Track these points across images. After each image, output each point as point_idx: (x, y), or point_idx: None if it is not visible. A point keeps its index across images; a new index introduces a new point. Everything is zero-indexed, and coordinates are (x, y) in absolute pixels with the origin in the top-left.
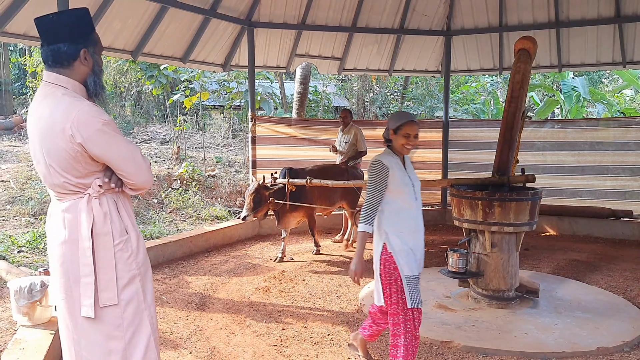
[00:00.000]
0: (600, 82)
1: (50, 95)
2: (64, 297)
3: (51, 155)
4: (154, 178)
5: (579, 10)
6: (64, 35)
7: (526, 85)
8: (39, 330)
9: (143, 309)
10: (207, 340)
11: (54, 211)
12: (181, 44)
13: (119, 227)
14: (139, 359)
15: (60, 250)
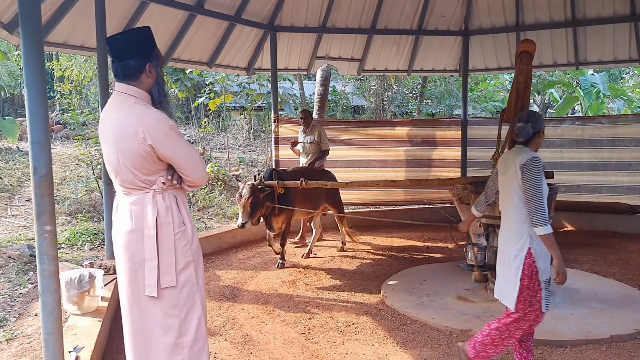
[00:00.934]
0: (620, 77)
1: (123, 103)
2: (128, 279)
3: (124, 154)
4: None
5: (595, 9)
6: (131, 52)
7: (529, 84)
8: (87, 318)
9: (195, 291)
10: (240, 328)
11: (122, 204)
12: (207, 49)
13: (178, 219)
14: (192, 333)
15: (127, 237)
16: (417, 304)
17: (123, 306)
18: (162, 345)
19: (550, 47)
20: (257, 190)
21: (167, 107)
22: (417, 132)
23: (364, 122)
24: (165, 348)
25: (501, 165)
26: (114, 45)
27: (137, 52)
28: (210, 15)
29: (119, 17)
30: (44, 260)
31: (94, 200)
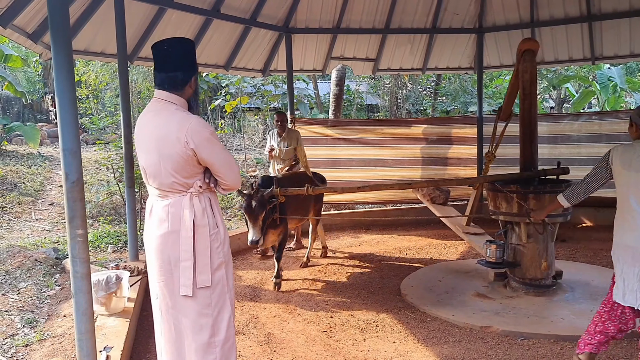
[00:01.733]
0: (638, 70)
1: (164, 109)
2: (164, 280)
3: (166, 158)
4: None
5: (611, 3)
6: (179, 64)
7: (535, 82)
8: (115, 319)
9: (226, 291)
10: (262, 327)
11: (156, 207)
12: (224, 52)
13: (212, 221)
14: (223, 333)
15: (162, 239)
16: (437, 301)
17: (156, 307)
18: (196, 345)
19: (565, 43)
20: (266, 201)
21: (198, 113)
22: (432, 130)
23: (380, 122)
24: (198, 347)
25: (625, 160)
26: (163, 56)
27: (186, 66)
28: (226, 19)
29: (138, 23)
30: (76, 262)
31: (114, 203)
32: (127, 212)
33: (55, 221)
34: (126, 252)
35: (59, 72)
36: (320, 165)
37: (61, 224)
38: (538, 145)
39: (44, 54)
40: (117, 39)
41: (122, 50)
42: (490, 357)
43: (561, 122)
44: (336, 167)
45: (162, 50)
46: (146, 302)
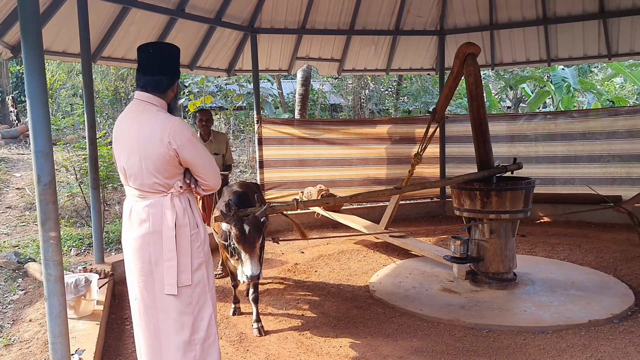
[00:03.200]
0: (590, 71)
1: (146, 111)
2: (143, 280)
3: (149, 159)
4: None
5: (565, 7)
6: (165, 69)
7: (480, 83)
8: (85, 322)
9: (207, 290)
10: (234, 326)
11: (135, 208)
12: (188, 52)
13: (193, 221)
14: (203, 331)
15: (142, 240)
16: (405, 296)
17: (135, 307)
18: (176, 343)
19: (523, 45)
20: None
21: (178, 115)
22: (396, 129)
23: (346, 121)
24: (179, 345)
25: None
26: (149, 59)
27: (171, 71)
28: (190, 18)
29: (102, 22)
30: (49, 265)
31: (76, 205)
32: (91, 214)
33: (14, 224)
34: (90, 254)
35: (30, 73)
36: (287, 165)
37: (20, 227)
38: (497, 144)
39: (4, 53)
40: (80, 38)
41: (86, 50)
42: (458, 349)
43: (518, 122)
44: (303, 166)
45: (148, 53)
46: (114, 304)
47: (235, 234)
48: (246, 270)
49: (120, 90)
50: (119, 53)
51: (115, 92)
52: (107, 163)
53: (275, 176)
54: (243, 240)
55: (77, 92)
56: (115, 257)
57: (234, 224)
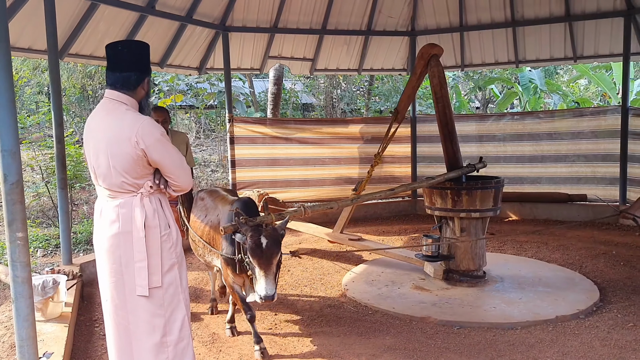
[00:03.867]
0: (556, 73)
1: (115, 109)
2: (114, 281)
3: (116, 158)
4: None
5: (532, 10)
6: (133, 65)
7: (445, 84)
8: (53, 324)
9: (179, 292)
10: (206, 327)
11: (105, 208)
12: (159, 50)
13: (164, 222)
14: (176, 333)
15: (113, 240)
16: (377, 294)
17: (106, 308)
18: (148, 345)
19: (492, 46)
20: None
21: (149, 115)
22: (368, 129)
23: (318, 121)
24: (151, 348)
25: None
26: (117, 56)
27: (140, 67)
28: (161, 15)
29: (69, 18)
30: (16, 267)
31: (42, 205)
32: (59, 214)
33: None
34: (57, 256)
35: None
36: (259, 164)
37: None
38: (467, 143)
39: None
40: (47, 34)
41: (53, 46)
42: (430, 346)
43: (487, 122)
44: (275, 165)
45: (116, 50)
46: (83, 306)
47: (251, 246)
48: (260, 289)
49: (87, 88)
50: (87, 50)
51: (82, 90)
52: (74, 162)
53: (247, 176)
54: (259, 255)
55: (42, 89)
56: (84, 258)
57: (251, 235)
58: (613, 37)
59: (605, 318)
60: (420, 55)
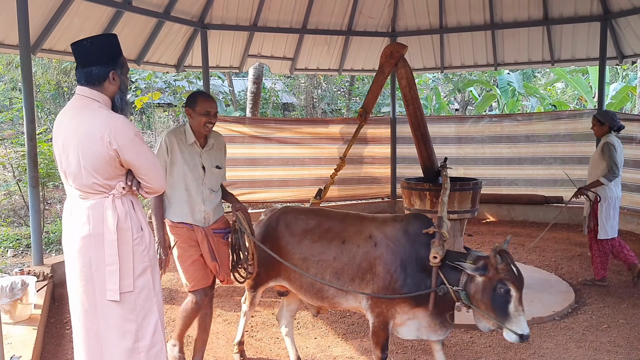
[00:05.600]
0: (533, 76)
1: (87, 107)
2: (83, 284)
3: (87, 158)
4: None
5: (511, 13)
6: (96, 59)
7: (414, 86)
8: (21, 327)
9: (152, 296)
10: None
11: (77, 209)
12: (135, 46)
13: (136, 225)
14: (149, 338)
15: (83, 242)
16: None
17: (75, 312)
18: (119, 351)
19: (471, 49)
20: None
21: (127, 113)
22: (348, 129)
23: (298, 121)
24: (122, 353)
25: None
26: (79, 52)
27: (102, 60)
28: (138, 12)
29: (43, 12)
30: None
31: (13, 204)
32: (30, 213)
33: None
34: (28, 256)
35: None
36: (238, 164)
37: None
38: (446, 145)
39: None
40: (19, 29)
41: (25, 41)
42: (407, 348)
43: (465, 124)
44: (254, 165)
45: (80, 46)
46: (53, 308)
47: (514, 276)
48: (521, 327)
49: (62, 85)
50: (61, 46)
51: (57, 87)
52: (47, 160)
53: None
54: (520, 285)
55: (16, 85)
56: (56, 258)
57: (505, 264)
58: (590, 42)
59: (580, 319)
60: (389, 54)
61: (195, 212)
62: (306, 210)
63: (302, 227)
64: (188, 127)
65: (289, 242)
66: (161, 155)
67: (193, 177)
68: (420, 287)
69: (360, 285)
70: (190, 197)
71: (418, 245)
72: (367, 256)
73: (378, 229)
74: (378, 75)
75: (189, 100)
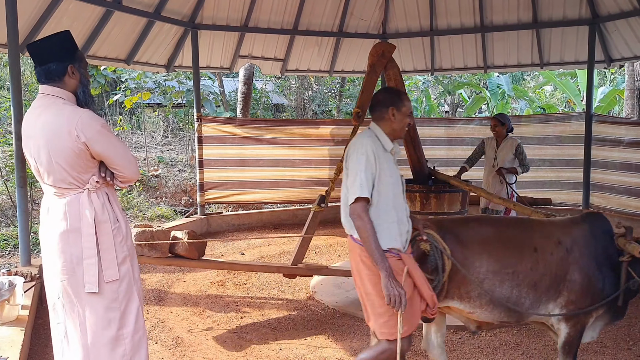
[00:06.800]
0: (523, 79)
1: (52, 104)
2: (67, 278)
3: (58, 154)
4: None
5: (501, 16)
6: (52, 56)
7: (402, 87)
8: (8, 328)
9: (132, 284)
10: (170, 331)
11: (54, 206)
12: (125, 46)
13: (113, 216)
14: (132, 325)
15: (62, 238)
16: (345, 297)
17: (59, 307)
18: (105, 340)
19: (461, 51)
20: None
21: (92, 107)
22: (339, 131)
23: (289, 122)
24: (107, 342)
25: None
26: (35, 51)
27: (58, 55)
28: (128, 11)
29: (31, 11)
30: None
31: (1, 204)
32: (18, 213)
33: None
34: (15, 256)
35: None
36: (228, 164)
37: None
38: (436, 147)
39: None
40: (7, 27)
41: (13, 40)
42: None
43: (456, 126)
44: (244, 166)
45: (36, 45)
46: (41, 309)
47: None
48: None
49: None
50: None
51: None
52: None
53: (215, 176)
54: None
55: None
56: None
57: None
58: (578, 45)
59: None
60: (381, 53)
61: (402, 234)
62: (468, 219)
63: (479, 238)
64: (380, 131)
65: (466, 256)
66: (370, 167)
67: (398, 191)
68: (614, 286)
69: (555, 294)
70: (398, 216)
71: (604, 244)
72: (563, 263)
73: (565, 234)
74: (370, 74)
75: (392, 98)
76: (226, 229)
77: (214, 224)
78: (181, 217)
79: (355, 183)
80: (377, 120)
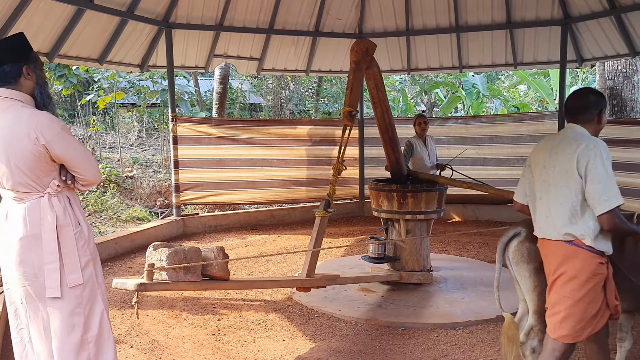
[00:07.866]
0: (497, 78)
1: (10, 107)
2: (29, 284)
3: (17, 157)
4: None
5: (476, 16)
6: (5, 58)
7: (382, 87)
8: None
9: (96, 287)
10: (146, 334)
11: (13, 211)
12: (98, 46)
13: (74, 220)
14: (96, 328)
15: (22, 243)
16: (324, 297)
17: (21, 312)
18: (68, 345)
19: (437, 51)
20: None
21: (51, 108)
22: (316, 131)
23: (266, 122)
24: (71, 347)
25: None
26: None
27: (12, 57)
28: (100, 10)
29: (1, 9)
30: None
31: None
32: None
33: None
34: None
35: None
36: (204, 165)
37: None
38: None
39: None
40: None
41: None
42: (375, 348)
43: (432, 125)
44: (221, 167)
45: None
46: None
47: None
48: None
49: None
50: None
51: None
52: None
53: (191, 177)
54: None
55: None
56: None
57: None
58: (551, 45)
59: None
60: (365, 50)
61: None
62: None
63: None
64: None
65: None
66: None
67: None
68: None
69: None
70: None
71: None
72: None
73: None
74: (356, 72)
75: (601, 101)
76: (202, 230)
77: (190, 226)
78: (156, 218)
79: (613, 189)
80: (583, 123)
